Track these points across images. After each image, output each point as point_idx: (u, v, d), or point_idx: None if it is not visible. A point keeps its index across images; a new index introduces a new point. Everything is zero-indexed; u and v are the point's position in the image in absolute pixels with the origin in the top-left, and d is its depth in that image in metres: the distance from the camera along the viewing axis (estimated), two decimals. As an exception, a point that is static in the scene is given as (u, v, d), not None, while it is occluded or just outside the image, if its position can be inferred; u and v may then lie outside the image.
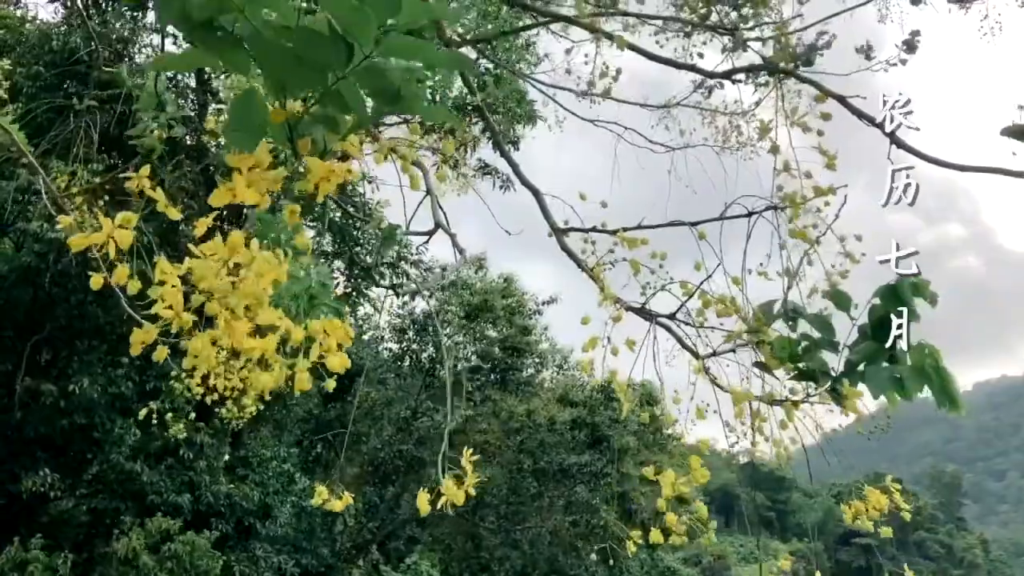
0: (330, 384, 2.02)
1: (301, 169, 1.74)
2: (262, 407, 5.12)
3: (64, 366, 14.40)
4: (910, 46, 7.35)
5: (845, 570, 72.43)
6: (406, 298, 20.73)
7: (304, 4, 1.46)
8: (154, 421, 6.41)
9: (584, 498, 22.19)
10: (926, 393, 2.42)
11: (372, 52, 1.47)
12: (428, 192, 4.07)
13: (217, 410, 5.29)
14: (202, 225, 1.94)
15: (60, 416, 13.78)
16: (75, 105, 12.69)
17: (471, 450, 3.13)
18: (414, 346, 23.91)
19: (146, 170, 2.13)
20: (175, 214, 2.07)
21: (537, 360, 26.79)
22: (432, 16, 1.58)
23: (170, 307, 1.88)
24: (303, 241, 2.04)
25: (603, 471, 22.58)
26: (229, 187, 1.67)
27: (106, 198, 9.48)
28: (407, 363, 24.10)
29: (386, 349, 24.70)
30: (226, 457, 15.43)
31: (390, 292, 19.10)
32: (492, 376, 25.46)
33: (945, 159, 3.85)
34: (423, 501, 2.93)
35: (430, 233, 4.15)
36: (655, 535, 3.00)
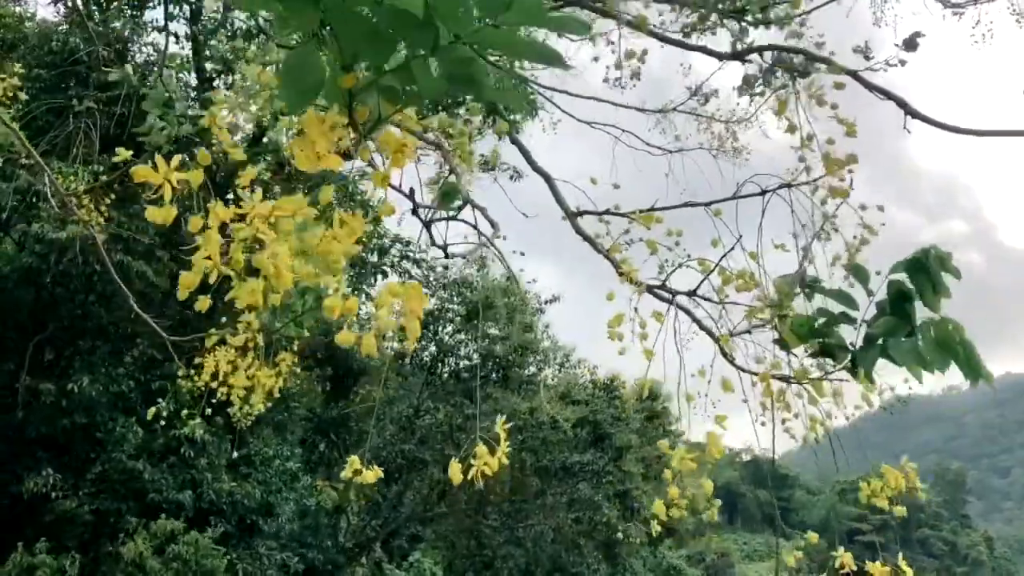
0: (411, 344, 1.93)
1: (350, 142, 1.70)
2: (268, 406, 5.12)
3: (66, 366, 14.42)
4: (910, 45, 7.31)
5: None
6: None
7: None
8: (162, 422, 6.41)
9: (587, 496, 22.18)
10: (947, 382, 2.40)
11: (461, 41, 1.44)
12: (452, 171, 4.06)
13: (228, 410, 5.30)
14: (247, 176, 1.90)
15: (61, 416, 13.79)
16: (75, 106, 12.69)
17: (504, 418, 3.09)
18: (416, 344, 23.90)
19: (176, 160, 2.07)
20: (238, 153, 2.02)
21: (539, 359, 26.77)
22: (538, 24, 1.53)
23: (209, 257, 1.84)
24: (389, 208, 1.94)
25: (605, 469, 22.58)
26: (310, 147, 1.61)
27: (112, 197, 9.50)
28: (408, 362, 24.09)
29: (389, 347, 24.70)
30: (235, 455, 15.44)
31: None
32: (494, 374, 25.45)
33: (955, 125, 3.81)
34: (455, 471, 2.87)
35: (459, 208, 4.13)
36: (657, 506, 2.96)
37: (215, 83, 15.80)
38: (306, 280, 1.75)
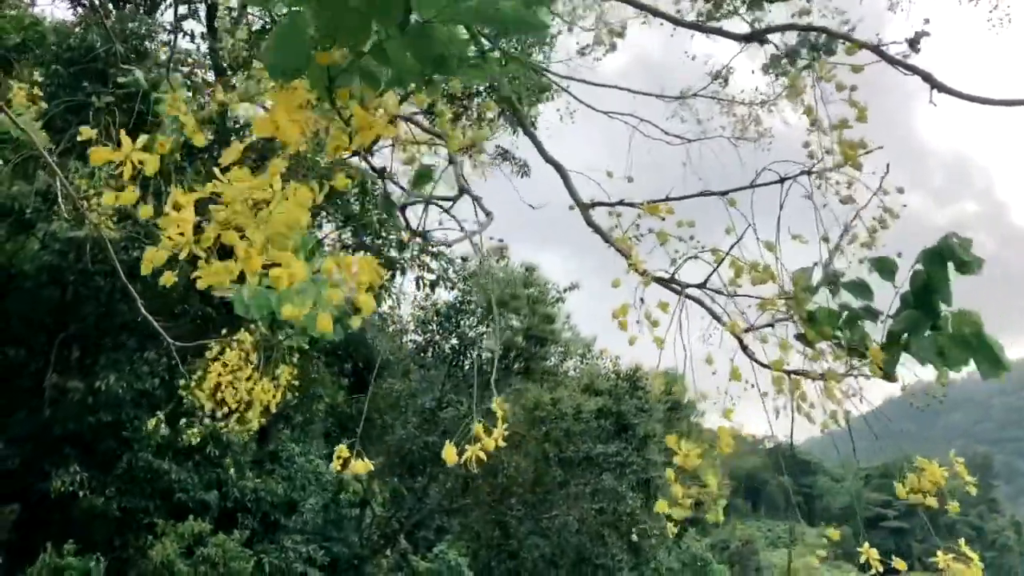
0: (356, 322, 1.90)
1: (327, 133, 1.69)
2: (271, 417, 5.06)
3: (91, 363, 14.53)
4: (913, 44, 7.23)
5: (875, 554, 71.73)
6: (427, 290, 20.72)
7: None
8: (164, 430, 6.44)
9: (610, 486, 22.14)
10: (971, 367, 2.34)
11: (432, 18, 1.43)
12: (451, 161, 4.03)
13: (221, 425, 5.21)
14: (231, 153, 1.82)
15: (88, 413, 13.90)
16: (94, 103, 12.74)
17: (501, 398, 3.07)
18: (437, 337, 23.93)
19: (153, 159, 2.05)
20: (200, 140, 2.02)
21: (561, 349, 26.75)
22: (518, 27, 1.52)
23: (181, 233, 1.78)
24: (343, 181, 1.93)
25: (629, 459, 22.53)
26: (273, 118, 1.61)
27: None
28: (430, 354, 24.14)
29: (410, 341, 24.74)
30: (247, 456, 15.53)
31: (424, 282, 19.05)
32: (516, 365, 25.45)
33: (982, 96, 3.73)
34: (450, 452, 2.88)
35: (455, 198, 4.09)
36: (660, 505, 2.91)
37: (233, 80, 15.82)
38: (275, 259, 1.71)
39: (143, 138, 1.96)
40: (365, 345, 20.28)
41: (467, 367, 23.63)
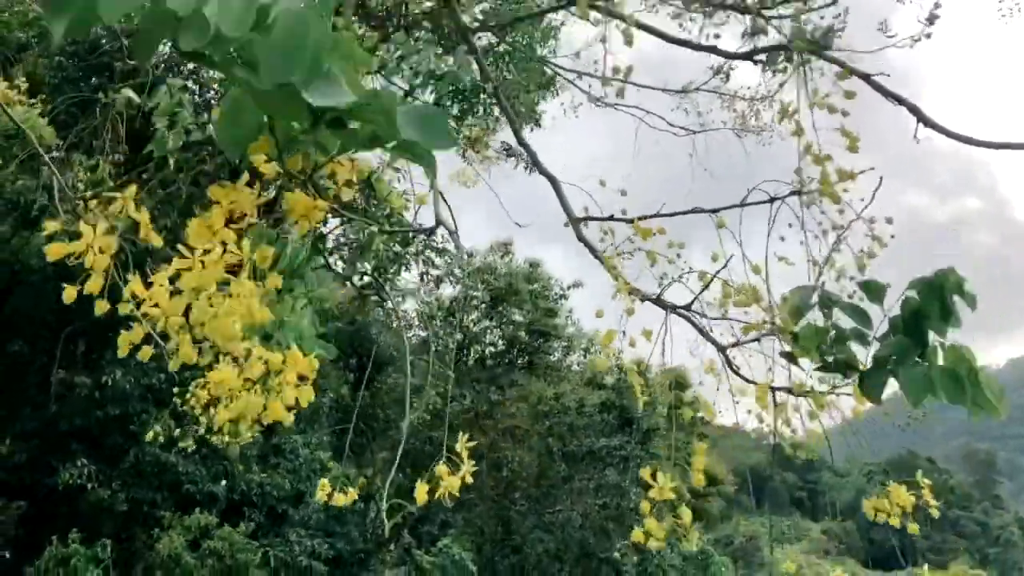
0: (287, 418, 1.97)
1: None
2: (258, 433, 5.04)
3: (98, 358, 14.58)
4: (931, 19, 7.24)
5: (878, 549, 72.02)
6: (431, 286, 20.78)
7: None
8: (161, 439, 6.50)
9: (614, 481, 22.19)
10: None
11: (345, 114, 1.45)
12: (432, 187, 4.01)
13: (213, 440, 5.21)
14: (197, 230, 1.80)
15: (95, 408, 13.95)
16: (100, 98, 12.78)
17: (466, 436, 3.11)
18: (441, 332, 23.98)
19: (132, 190, 2.11)
20: (156, 240, 2.06)
21: (564, 344, 26.78)
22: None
23: (156, 305, 1.88)
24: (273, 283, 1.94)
25: (633, 454, 22.57)
26: (207, 220, 1.65)
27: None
28: (433, 350, 24.17)
29: (414, 336, 24.78)
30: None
31: (427, 278, 19.10)
32: (520, 360, 25.48)
33: (969, 136, 3.77)
34: (421, 492, 2.95)
35: (431, 230, 4.08)
36: (636, 534, 2.90)
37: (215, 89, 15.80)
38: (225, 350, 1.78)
39: (100, 228, 1.99)
40: (370, 340, 20.32)
41: (471, 362, 23.67)
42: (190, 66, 16.08)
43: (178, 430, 6.60)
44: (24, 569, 12.80)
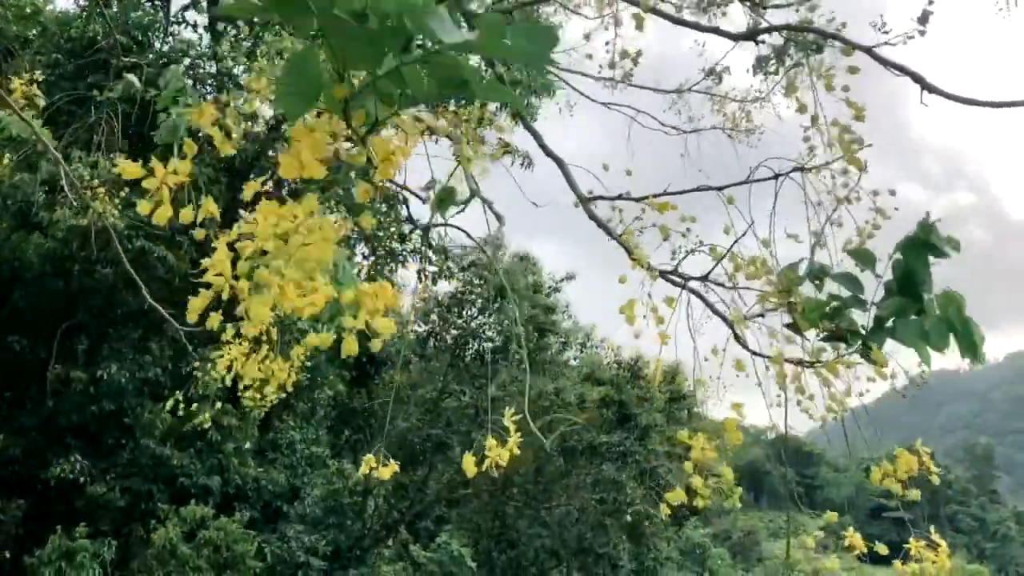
0: (376, 344, 1.98)
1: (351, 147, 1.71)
2: (284, 395, 5.14)
3: (95, 353, 14.58)
4: (923, 19, 7.29)
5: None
6: (428, 281, 20.74)
7: None
8: (180, 412, 6.47)
9: (611, 476, 22.23)
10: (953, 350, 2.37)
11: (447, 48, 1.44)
12: (459, 163, 4.06)
13: (242, 399, 5.32)
14: (250, 188, 1.96)
15: (91, 403, 13.96)
16: (96, 96, 12.77)
17: (512, 410, 3.12)
18: (438, 328, 23.98)
19: (185, 165, 2.11)
20: (213, 210, 2.09)
21: (561, 340, 26.78)
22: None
23: (220, 274, 1.88)
24: (370, 221, 1.99)
25: (631, 449, 22.60)
26: (296, 156, 1.64)
27: (127, 189, 9.55)
28: (431, 345, 24.18)
29: (411, 331, 24.78)
30: (249, 440, 15.58)
31: (426, 273, 19.11)
32: (517, 356, 25.47)
33: (971, 97, 3.77)
34: (469, 463, 2.93)
35: (466, 201, 4.13)
36: (677, 494, 2.95)
37: (235, 72, 15.81)
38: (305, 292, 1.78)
39: (173, 163, 2.03)
40: (366, 337, 20.30)
41: (469, 358, 23.67)
42: (187, 62, 16.08)
43: (195, 404, 6.60)
44: (23, 559, 12.80)
